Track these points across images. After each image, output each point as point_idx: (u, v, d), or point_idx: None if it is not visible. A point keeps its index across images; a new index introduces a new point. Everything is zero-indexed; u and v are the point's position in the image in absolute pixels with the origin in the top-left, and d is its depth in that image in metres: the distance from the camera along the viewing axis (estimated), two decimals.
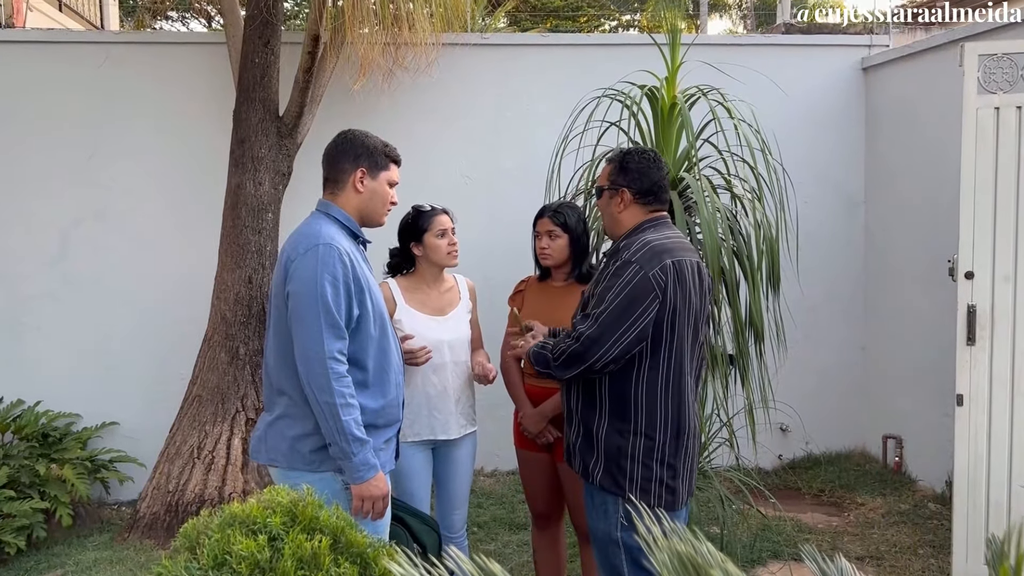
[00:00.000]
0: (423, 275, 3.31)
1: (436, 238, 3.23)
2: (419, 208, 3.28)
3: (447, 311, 3.30)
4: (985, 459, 3.55)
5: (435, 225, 3.23)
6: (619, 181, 2.74)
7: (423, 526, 2.95)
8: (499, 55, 5.50)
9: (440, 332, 3.22)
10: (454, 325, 3.28)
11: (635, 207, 2.73)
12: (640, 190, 2.71)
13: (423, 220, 3.24)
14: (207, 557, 1.37)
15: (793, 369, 4.42)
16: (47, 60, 5.20)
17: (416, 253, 3.28)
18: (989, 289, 3.52)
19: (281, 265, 2.61)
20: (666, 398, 2.58)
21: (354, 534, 1.47)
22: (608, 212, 2.79)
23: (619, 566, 2.62)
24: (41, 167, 5.20)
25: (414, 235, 3.26)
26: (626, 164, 2.74)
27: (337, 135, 2.75)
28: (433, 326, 3.23)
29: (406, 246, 3.30)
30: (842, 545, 4.38)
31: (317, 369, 2.48)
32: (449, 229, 3.25)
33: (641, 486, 2.57)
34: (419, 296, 3.27)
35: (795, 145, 4.34)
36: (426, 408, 3.19)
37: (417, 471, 3.20)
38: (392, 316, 3.16)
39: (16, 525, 4.27)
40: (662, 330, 2.54)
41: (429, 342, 3.15)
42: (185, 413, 4.68)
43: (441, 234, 3.23)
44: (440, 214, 3.27)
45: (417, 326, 3.18)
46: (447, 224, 3.26)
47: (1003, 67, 3.44)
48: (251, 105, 4.64)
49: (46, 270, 5.22)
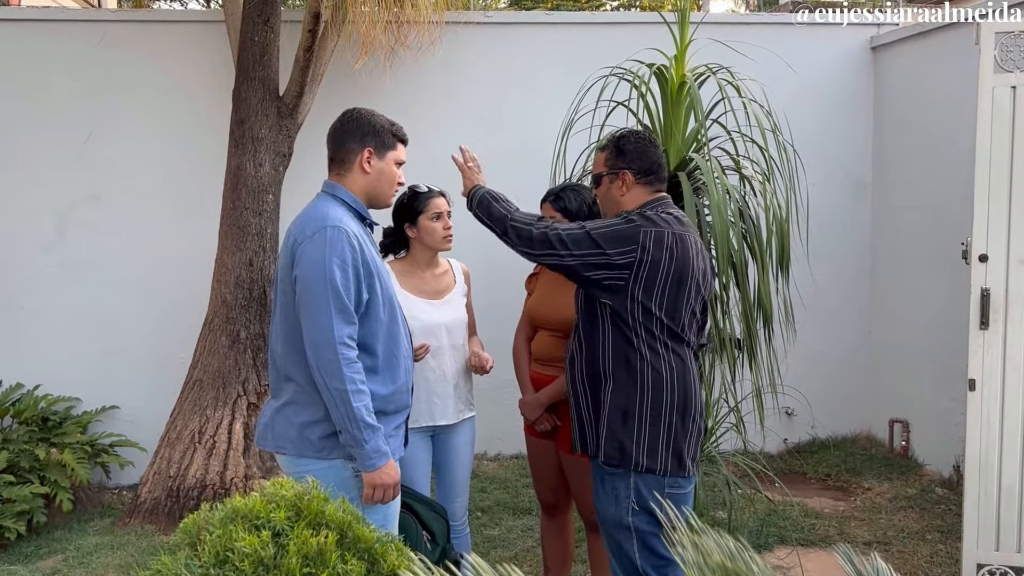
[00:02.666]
0: (417, 258, 3.24)
1: (431, 221, 3.15)
2: (415, 188, 3.20)
3: (443, 295, 3.25)
4: (997, 444, 3.49)
5: (431, 207, 3.15)
6: (618, 164, 2.74)
7: (431, 513, 2.91)
8: (502, 34, 5.41)
9: (437, 316, 3.17)
10: (451, 308, 3.23)
11: (637, 188, 2.73)
12: (641, 170, 2.72)
13: (418, 201, 3.17)
14: (208, 554, 1.32)
15: (799, 353, 4.36)
16: (43, 39, 5.11)
17: (410, 235, 3.21)
18: (1004, 272, 3.45)
19: (287, 248, 2.55)
20: (670, 367, 2.61)
21: (361, 529, 1.41)
22: (610, 197, 2.78)
23: (630, 551, 2.61)
24: (37, 148, 5.13)
25: (408, 216, 3.18)
26: (623, 146, 2.75)
27: (342, 114, 2.68)
28: (430, 310, 3.17)
29: (400, 227, 3.22)
30: (849, 530, 4.34)
31: (327, 355, 2.42)
32: (445, 212, 3.18)
33: (648, 448, 2.57)
34: (413, 280, 3.21)
35: (801, 125, 4.28)
36: (424, 393, 3.12)
37: (417, 459, 3.13)
38: None
39: (16, 510, 4.23)
40: (652, 293, 2.57)
41: (426, 326, 3.11)
42: (186, 397, 4.64)
43: (436, 217, 3.16)
44: (436, 196, 3.19)
45: (413, 310, 3.10)
46: (443, 207, 3.18)
47: (1020, 45, 3.36)
48: (251, 85, 4.56)
49: (43, 253, 5.16)
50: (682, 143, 3.69)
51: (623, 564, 2.64)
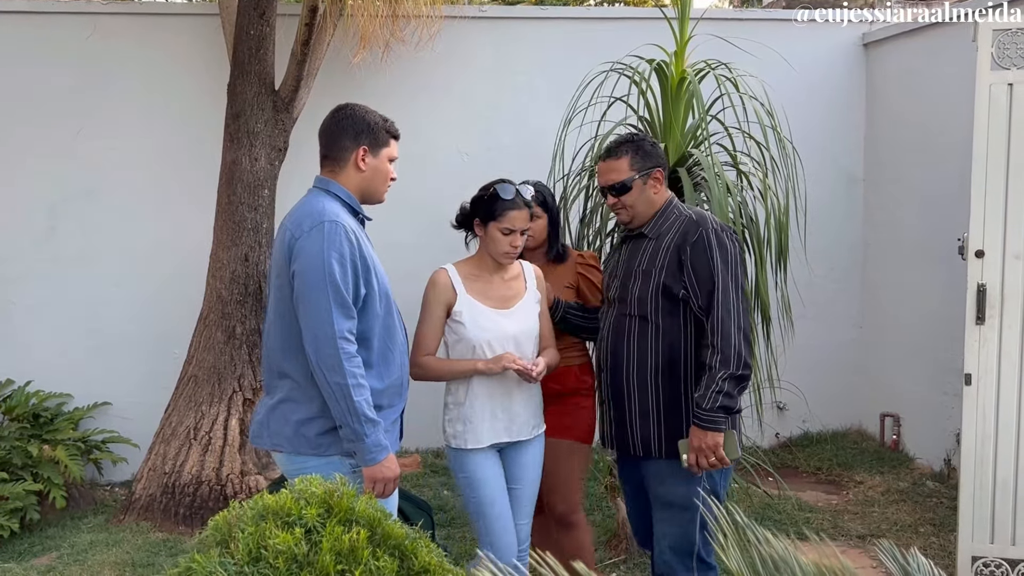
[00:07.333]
0: (485, 259, 2.92)
1: (500, 233, 2.83)
2: (502, 189, 2.84)
3: (512, 302, 2.93)
4: (992, 438, 3.54)
5: (505, 220, 2.81)
6: (647, 164, 2.80)
7: (414, 508, 2.93)
8: (500, 28, 5.40)
9: (505, 326, 2.87)
10: (521, 317, 2.91)
11: (663, 184, 2.85)
12: (664, 166, 2.85)
13: (497, 206, 2.83)
14: (242, 552, 1.31)
15: (791, 347, 4.40)
16: (31, 31, 5.05)
17: (478, 233, 2.92)
18: (999, 268, 3.49)
19: (283, 244, 2.53)
20: None
21: (391, 525, 1.41)
22: (645, 199, 2.82)
23: (691, 531, 2.76)
24: (27, 143, 5.06)
25: (483, 214, 2.87)
26: (643, 147, 2.82)
27: (334, 109, 2.65)
28: (497, 319, 2.87)
29: (471, 219, 2.94)
30: (843, 523, 4.38)
31: (327, 350, 2.42)
32: (519, 231, 2.84)
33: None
34: (480, 285, 2.90)
35: (794, 120, 4.33)
36: (489, 409, 2.87)
37: (493, 478, 2.89)
38: (452, 307, 2.88)
39: (9, 507, 4.19)
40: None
41: (493, 337, 2.84)
42: (181, 393, 4.61)
43: (507, 232, 2.83)
44: (517, 209, 2.83)
45: (478, 318, 2.85)
46: (518, 224, 2.83)
47: (1017, 42, 3.39)
48: (246, 79, 4.52)
49: (34, 249, 5.10)
50: (681, 139, 3.71)
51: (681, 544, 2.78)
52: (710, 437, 2.64)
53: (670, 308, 2.75)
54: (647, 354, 2.78)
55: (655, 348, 2.77)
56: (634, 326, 2.80)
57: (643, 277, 2.78)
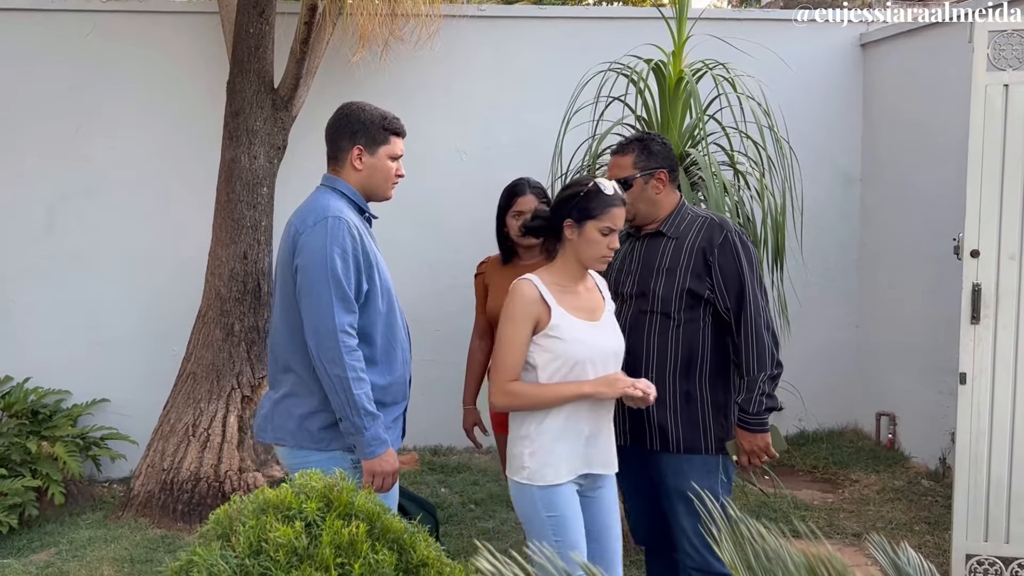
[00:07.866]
0: (571, 266, 2.59)
1: (600, 233, 2.53)
2: (601, 185, 2.56)
3: (598, 314, 2.63)
4: (987, 437, 3.56)
5: (607, 217, 2.52)
6: (650, 165, 2.81)
7: (420, 511, 2.94)
8: (499, 28, 5.41)
9: (603, 339, 2.58)
10: (613, 331, 2.64)
11: (669, 187, 2.84)
12: (671, 169, 2.84)
13: (597, 202, 2.52)
14: (243, 545, 1.34)
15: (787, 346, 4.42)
16: (30, 29, 5.05)
17: (567, 235, 2.56)
18: (995, 268, 3.51)
19: (288, 239, 2.57)
20: None
21: (390, 519, 1.43)
22: (646, 198, 2.83)
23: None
24: (26, 141, 5.07)
25: (577, 212, 2.53)
26: (650, 147, 2.83)
27: (338, 109, 2.69)
28: (595, 333, 2.57)
29: (559, 219, 2.58)
30: (839, 522, 4.40)
31: (328, 343, 2.44)
32: (617, 231, 2.57)
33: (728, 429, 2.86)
34: (569, 297, 2.58)
35: (791, 120, 4.36)
36: (580, 436, 2.55)
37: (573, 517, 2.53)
38: (547, 323, 2.52)
39: (7, 503, 4.20)
40: None
41: (594, 352, 2.54)
42: (179, 390, 4.62)
43: (608, 231, 2.53)
44: (618, 206, 2.55)
45: (576, 333, 2.52)
46: (619, 222, 2.55)
47: (1013, 44, 3.41)
48: (245, 77, 4.53)
49: (33, 246, 5.11)
50: (679, 138, 3.73)
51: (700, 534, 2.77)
52: (760, 438, 2.75)
53: (692, 307, 2.78)
54: (667, 350, 2.79)
55: (675, 345, 2.79)
56: (655, 322, 2.80)
57: (667, 275, 2.79)
